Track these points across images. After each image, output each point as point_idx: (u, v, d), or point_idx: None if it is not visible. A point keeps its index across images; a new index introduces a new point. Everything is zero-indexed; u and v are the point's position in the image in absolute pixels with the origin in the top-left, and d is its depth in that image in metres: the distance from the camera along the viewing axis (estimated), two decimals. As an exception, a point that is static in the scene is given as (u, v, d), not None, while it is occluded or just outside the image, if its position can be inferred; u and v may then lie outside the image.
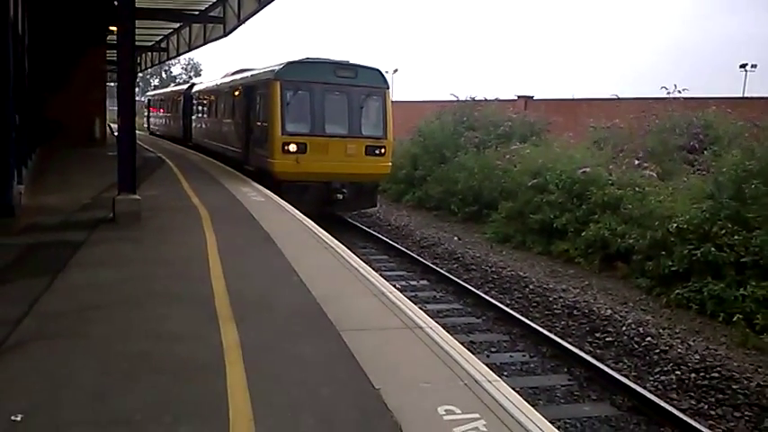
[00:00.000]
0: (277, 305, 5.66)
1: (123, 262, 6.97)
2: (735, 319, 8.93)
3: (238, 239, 8.39)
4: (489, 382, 4.25)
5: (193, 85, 28.33)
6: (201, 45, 26.58)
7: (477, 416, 3.73)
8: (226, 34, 22.29)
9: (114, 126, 28.42)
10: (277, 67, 14.81)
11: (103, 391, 3.85)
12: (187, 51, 30.76)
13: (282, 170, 14.21)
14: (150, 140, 30.59)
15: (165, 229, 8.95)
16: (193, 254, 7.40)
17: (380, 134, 14.95)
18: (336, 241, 8.71)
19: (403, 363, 4.52)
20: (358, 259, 7.72)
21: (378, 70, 15.33)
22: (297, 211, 11.01)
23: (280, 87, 14.19)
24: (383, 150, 14.91)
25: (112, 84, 41.10)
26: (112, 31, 20.32)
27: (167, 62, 58.93)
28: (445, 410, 3.77)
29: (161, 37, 29.98)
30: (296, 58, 15.07)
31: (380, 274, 7.49)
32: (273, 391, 3.97)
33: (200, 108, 24.65)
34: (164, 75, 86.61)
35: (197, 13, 22.16)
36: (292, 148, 14.02)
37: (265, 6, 18.43)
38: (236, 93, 18.06)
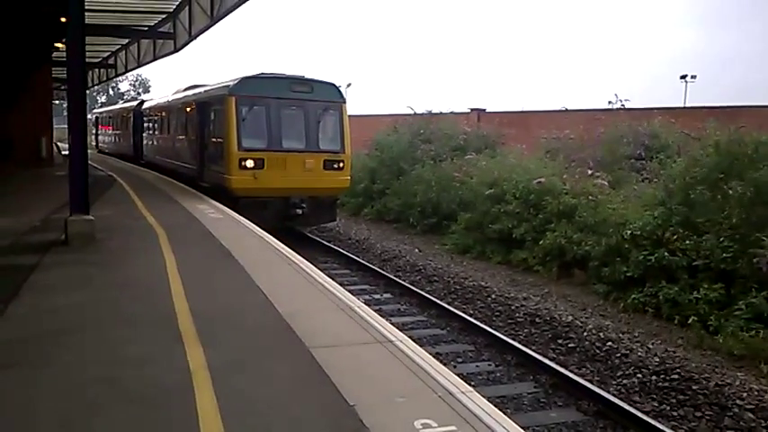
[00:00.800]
0: (243, 324, 5.55)
1: (79, 285, 6.72)
2: (690, 321, 9.23)
3: (198, 258, 8.22)
4: (463, 393, 4.26)
5: (144, 101, 28.01)
6: (151, 61, 26.16)
7: (453, 428, 3.73)
8: (176, 50, 21.99)
9: (62, 145, 27.67)
10: (231, 83, 14.75)
11: (68, 421, 3.70)
12: (136, 67, 30.22)
13: (240, 186, 14.09)
14: (99, 159, 29.88)
15: (121, 250, 8.70)
16: (153, 274, 7.21)
17: (338, 148, 14.99)
18: (299, 256, 8.63)
19: (376, 378, 4.49)
20: (322, 274, 7.66)
21: (333, 85, 15.45)
22: (256, 227, 10.88)
23: (235, 103, 14.10)
24: (342, 164, 14.94)
25: (58, 102, 39.95)
26: (58, 48, 19.80)
27: (115, 79, 57.63)
28: (422, 424, 3.75)
29: (109, 53, 29.36)
30: (250, 74, 15.05)
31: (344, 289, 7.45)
32: (245, 412, 3.88)
33: (151, 125, 24.21)
34: (111, 92, 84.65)
35: (146, 28, 21.81)
36: (249, 163, 13.93)
37: (217, 22, 18.29)
38: (190, 109, 17.87)
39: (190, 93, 18.82)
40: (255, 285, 6.83)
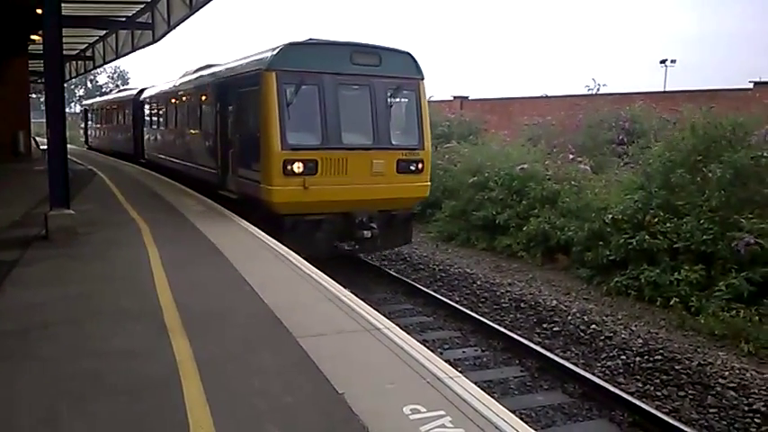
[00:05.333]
0: (229, 315, 5.54)
1: (62, 280, 6.66)
2: (672, 302, 9.38)
3: (183, 250, 8.15)
4: (451, 378, 4.29)
5: (144, 89, 23.03)
6: (130, 52, 25.77)
7: (442, 413, 3.76)
8: (155, 40, 21.67)
9: (40, 140, 27.14)
10: (269, 53, 10.52)
11: (54, 415, 3.67)
12: (114, 59, 29.78)
13: (285, 200, 10.15)
14: (90, 157, 27.07)
15: (104, 244, 8.60)
16: (136, 268, 7.15)
17: (416, 143, 11.07)
18: (284, 247, 8.59)
19: (364, 365, 4.51)
20: (308, 264, 7.65)
21: (409, 54, 11.20)
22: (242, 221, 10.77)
23: (276, 81, 10.08)
24: (420, 165, 11.06)
25: (35, 95, 39.22)
26: (34, 40, 19.45)
27: (93, 71, 56.81)
28: (411, 410, 3.78)
29: (86, 45, 28.87)
30: (295, 40, 10.85)
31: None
32: (234, 403, 3.88)
33: (155, 117, 20.28)
34: (89, 84, 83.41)
35: (124, 19, 21.49)
36: (298, 167, 10.03)
37: (196, 11, 18.04)
38: (206, 94, 14.05)
39: (206, 73, 14.81)
40: (241, 277, 6.80)
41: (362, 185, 10.51)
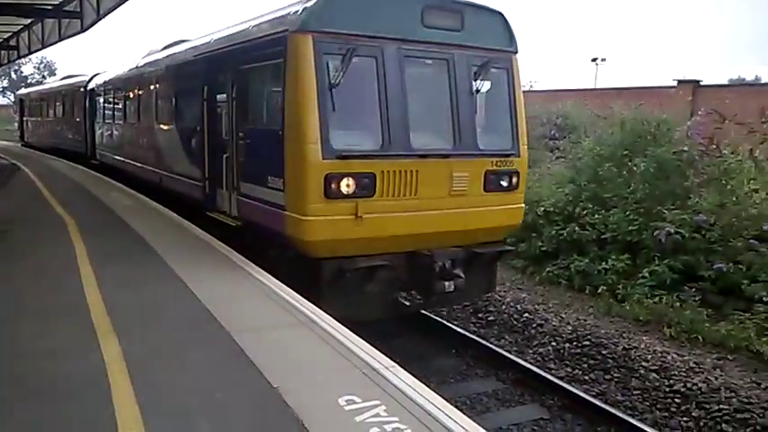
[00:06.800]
0: (161, 312, 5.42)
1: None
2: (600, 290, 9.80)
3: (112, 246, 7.89)
4: (387, 368, 4.35)
5: (97, 74, 19.30)
6: (57, 42, 24.57)
7: (377, 402, 3.81)
8: (84, 30, 20.74)
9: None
10: (301, 6, 6.85)
11: (-29, 421, 3.51)
12: (40, 49, 28.30)
13: (326, 236, 6.70)
14: (25, 155, 24.15)
15: (28, 241, 8.24)
16: (62, 265, 6.88)
17: (509, 146, 7.77)
18: (220, 242, 8.42)
19: (300, 359, 4.51)
20: (244, 259, 7.54)
21: (501, 15, 7.76)
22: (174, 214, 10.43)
23: (314, 49, 6.57)
24: (515, 179, 7.79)
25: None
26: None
27: (17, 61, 53.97)
28: (346, 401, 3.82)
29: (10, 34, 27.41)
30: None
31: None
32: (164, 401, 3.81)
33: (111, 108, 16.60)
34: (14, 75, 79.26)
35: (51, 7, 20.50)
36: (347, 186, 6.64)
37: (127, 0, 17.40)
38: (185, 76, 10.39)
39: (183, 49, 11.07)
40: (174, 273, 6.65)
41: (439, 211, 7.19)
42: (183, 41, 11.75)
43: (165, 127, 11.52)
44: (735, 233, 9.25)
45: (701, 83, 19.54)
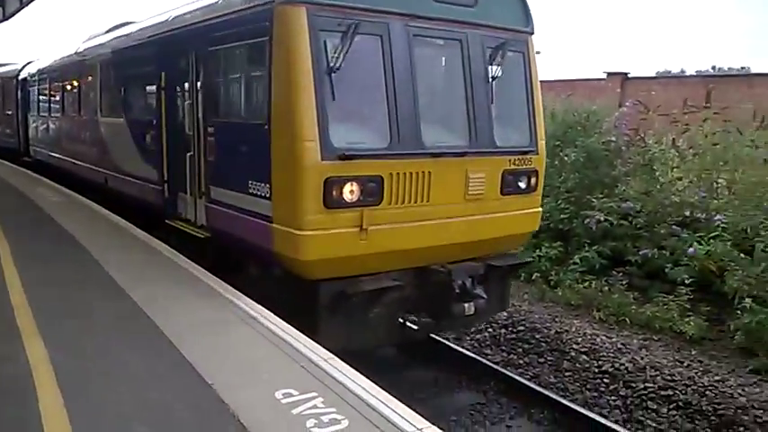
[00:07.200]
0: (91, 313, 5.25)
1: None
2: (534, 277, 10.09)
3: (38, 244, 7.57)
4: (325, 360, 4.37)
5: (30, 62, 17.68)
6: (-27, 29, 23.19)
7: (314, 394, 3.84)
8: (5, 18, 19.71)
9: None
10: None
11: None
12: (-45, 36, 26.65)
13: (325, 254, 5.61)
14: None
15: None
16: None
17: (527, 142, 6.84)
18: (155, 239, 8.16)
19: (238, 355, 4.47)
20: (182, 256, 7.34)
21: None
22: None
23: (308, 24, 5.47)
24: (534, 180, 6.91)
25: None
26: None
27: (-72, 48, 50.54)
28: (283, 394, 3.82)
29: None
30: None
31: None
32: (95, 406, 3.70)
33: (48, 99, 15.16)
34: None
35: (-33, -8, 19.31)
36: (350, 192, 5.59)
37: (50, -14, 16.59)
38: (137, 60, 9.29)
39: (132, 30, 9.92)
40: (104, 272, 6.44)
41: (454, 219, 6.20)
42: (130, 23, 10.69)
43: (112, 120, 10.35)
44: (659, 219, 9.71)
45: (629, 75, 20.29)
